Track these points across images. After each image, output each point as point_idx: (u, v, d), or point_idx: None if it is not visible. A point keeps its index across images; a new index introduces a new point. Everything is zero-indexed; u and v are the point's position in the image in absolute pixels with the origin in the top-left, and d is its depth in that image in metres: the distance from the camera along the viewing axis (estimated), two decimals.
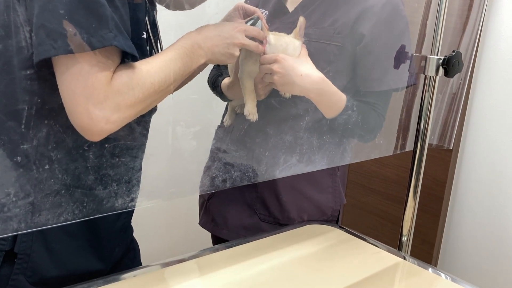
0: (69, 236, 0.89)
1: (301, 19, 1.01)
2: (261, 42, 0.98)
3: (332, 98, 1.05)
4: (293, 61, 1.00)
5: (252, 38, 0.96)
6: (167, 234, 2.13)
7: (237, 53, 0.92)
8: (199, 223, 1.33)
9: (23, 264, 0.84)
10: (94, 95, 0.72)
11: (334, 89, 1.05)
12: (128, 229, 1.05)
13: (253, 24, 0.98)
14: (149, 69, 0.79)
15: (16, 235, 0.83)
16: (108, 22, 0.72)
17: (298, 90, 1.03)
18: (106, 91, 0.73)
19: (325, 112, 1.08)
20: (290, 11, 1.13)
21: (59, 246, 0.88)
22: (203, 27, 0.90)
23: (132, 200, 0.90)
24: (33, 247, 0.85)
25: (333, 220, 1.27)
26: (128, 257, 1.06)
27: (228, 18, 1.02)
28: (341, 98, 1.06)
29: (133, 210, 1.01)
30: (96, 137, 0.76)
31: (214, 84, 1.20)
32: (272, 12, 1.15)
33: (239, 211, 1.23)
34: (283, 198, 1.20)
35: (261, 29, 0.99)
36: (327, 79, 1.03)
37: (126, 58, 0.77)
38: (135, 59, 0.78)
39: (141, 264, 1.08)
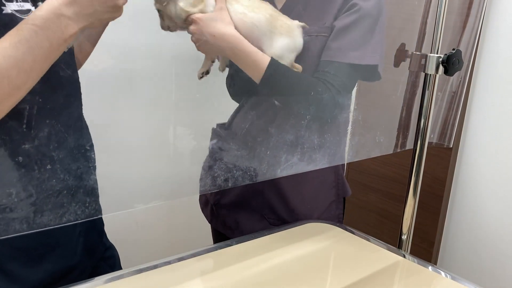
0: (22, 251, 0.84)
1: None
2: None
3: (249, 57, 1.03)
4: (208, 20, 0.98)
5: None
6: (166, 233, 2.13)
7: (120, 1, 0.76)
8: (211, 225, 1.34)
9: None
10: None
11: (252, 48, 1.02)
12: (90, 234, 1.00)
13: None
14: None
15: None
16: None
17: (214, 51, 1.03)
18: None
19: (249, 74, 1.05)
20: (279, 9, 1.12)
21: (13, 264, 0.84)
22: None
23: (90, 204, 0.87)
24: None
25: (340, 213, 1.27)
26: (108, 264, 1.04)
27: None
28: (261, 58, 1.03)
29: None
30: None
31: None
32: None
33: (248, 216, 1.24)
34: (290, 201, 1.20)
35: None
36: (242, 37, 1.01)
37: None
38: None
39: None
